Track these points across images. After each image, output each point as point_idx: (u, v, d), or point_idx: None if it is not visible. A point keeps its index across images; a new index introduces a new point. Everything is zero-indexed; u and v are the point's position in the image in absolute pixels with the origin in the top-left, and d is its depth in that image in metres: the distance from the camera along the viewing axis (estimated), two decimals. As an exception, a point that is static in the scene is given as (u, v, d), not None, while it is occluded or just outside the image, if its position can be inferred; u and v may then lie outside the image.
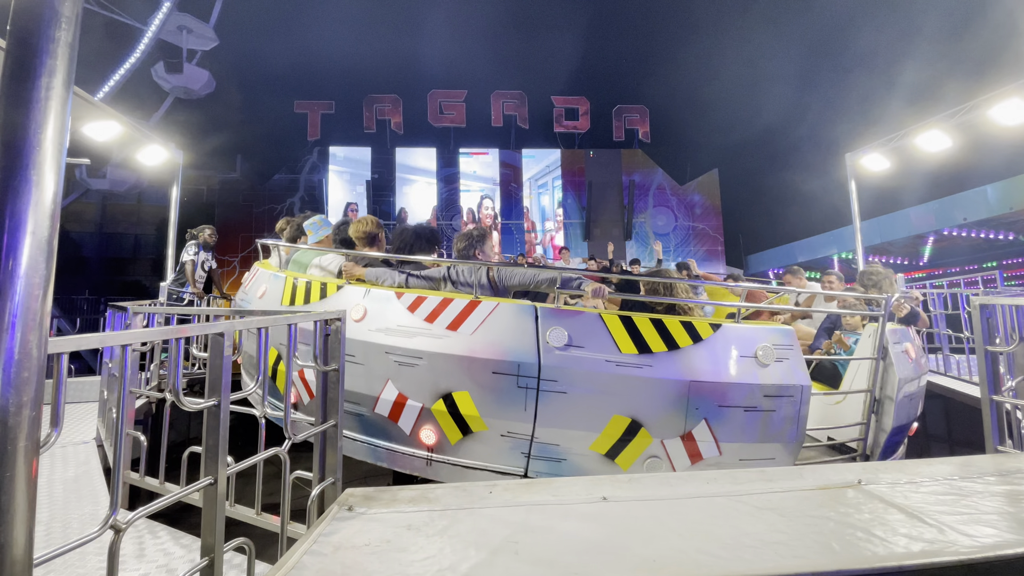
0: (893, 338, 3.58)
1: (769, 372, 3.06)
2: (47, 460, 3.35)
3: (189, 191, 16.24)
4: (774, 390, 3.03)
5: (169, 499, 1.52)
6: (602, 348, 2.97)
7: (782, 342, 3.14)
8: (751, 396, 3.00)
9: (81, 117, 5.20)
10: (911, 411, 3.76)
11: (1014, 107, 5.53)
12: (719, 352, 3.05)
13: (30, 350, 0.91)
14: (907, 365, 3.61)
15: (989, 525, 1.41)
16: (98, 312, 15.00)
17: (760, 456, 3.04)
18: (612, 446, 2.96)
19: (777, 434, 3.05)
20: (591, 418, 2.93)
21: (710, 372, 2.98)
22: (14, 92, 0.94)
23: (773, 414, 3.03)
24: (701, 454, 2.99)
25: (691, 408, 2.93)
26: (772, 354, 3.08)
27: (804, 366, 3.15)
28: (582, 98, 19.16)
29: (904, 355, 3.63)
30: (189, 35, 16.11)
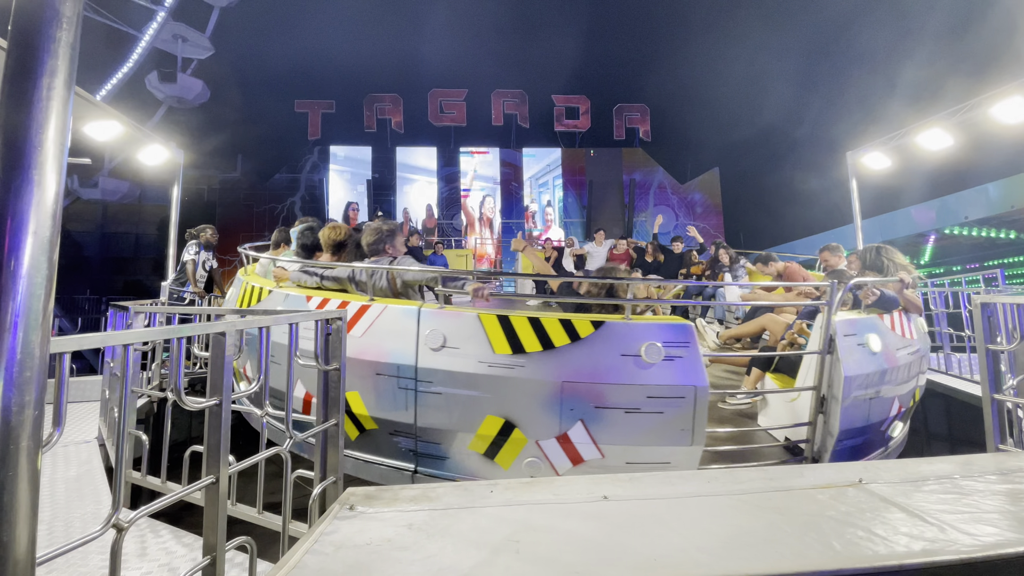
0: (846, 329, 3.27)
1: (655, 372, 2.90)
2: (49, 459, 3.35)
3: (190, 191, 16.25)
4: (660, 391, 2.87)
5: (171, 498, 1.53)
6: (476, 349, 2.95)
7: (674, 339, 2.94)
8: (631, 397, 2.87)
9: (82, 117, 5.20)
10: (875, 412, 3.40)
11: (1015, 105, 5.52)
12: (597, 351, 2.92)
13: (32, 350, 0.92)
14: (866, 360, 3.29)
15: (990, 524, 1.41)
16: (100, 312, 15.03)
17: (651, 460, 2.91)
18: (488, 446, 2.96)
19: (668, 437, 2.90)
20: (466, 418, 2.94)
21: (585, 372, 2.88)
22: (15, 92, 0.94)
23: (660, 416, 2.87)
24: (581, 456, 2.91)
25: (565, 409, 2.86)
26: (658, 352, 2.89)
27: (701, 365, 2.94)
28: (583, 97, 19.14)
29: (862, 349, 3.32)
30: (184, 44, 16.11)
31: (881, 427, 3.53)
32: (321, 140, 18.45)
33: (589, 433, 2.89)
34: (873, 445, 3.55)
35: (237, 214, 17.42)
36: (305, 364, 2.34)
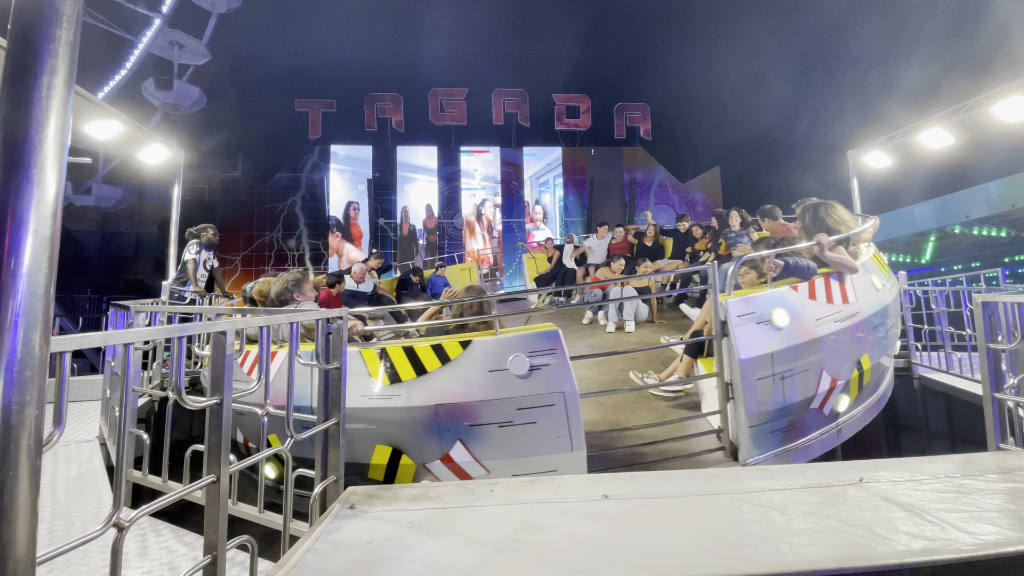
0: (738, 310, 3.16)
1: (524, 383, 2.92)
2: (50, 458, 3.36)
3: (190, 190, 16.26)
4: (529, 401, 2.89)
5: (172, 497, 1.53)
6: (359, 383, 3.03)
7: (540, 347, 2.98)
8: (502, 411, 2.90)
9: (82, 116, 5.21)
10: (794, 390, 3.20)
11: (1016, 104, 5.51)
12: (465, 371, 2.98)
13: (33, 349, 0.92)
14: (767, 338, 3.14)
15: (990, 523, 1.41)
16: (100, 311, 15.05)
17: (537, 469, 2.92)
18: (385, 474, 3.02)
19: (547, 445, 2.91)
20: (361, 449, 3.02)
21: (455, 393, 2.93)
22: (15, 91, 0.94)
23: (534, 426, 2.88)
24: (468, 474, 2.94)
25: (443, 431, 2.91)
26: (525, 364, 2.92)
27: (568, 370, 2.96)
28: (583, 96, 19.14)
29: (763, 327, 3.16)
30: (181, 50, 16.13)
31: (811, 405, 3.29)
32: (322, 139, 18.46)
33: (469, 451, 2.94)
34: (808, 426, 3.32)
35: (238, 213, 17.43)
36: (305, 364, 2.34)
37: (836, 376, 3.39)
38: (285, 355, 3.43)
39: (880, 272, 4.08)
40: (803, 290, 3.45)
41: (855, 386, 3.54)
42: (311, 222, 17.99)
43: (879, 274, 4.03)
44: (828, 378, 3.35)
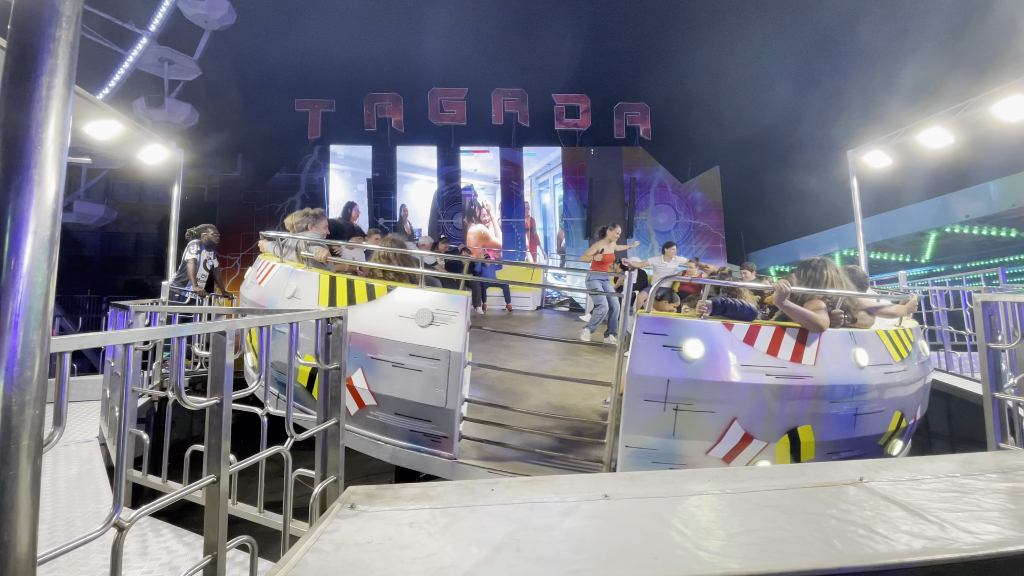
0: (645, 327, 3.06)
1: (421, 333, 3.26)
2: (50, 458, 3.36)
3: (190, 190, 16.23)
4: (420, 350, 3.22)
5: (172, 497, 1.53)
6: (310, 302, 3.76)
7: (448, 308, 3.33)
8: (396, 351, 3.26)
9: (82, 116, 5.20)
10: (690, 428, 2.99)
11: (1016, 103, 5.51)
12: (383, 310, 3.43)
13: (33, 349, 0.92)
14: (670, 364, 2.98)
15: (991, 522, 1.41)
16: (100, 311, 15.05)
17: (415, 415, 3.26)
18: (307, 385, 3.55)
19: (427, 394, 3.20)
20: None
21: (367, 326, 3.36)
22: (15, 91, 0.94)
23: (419, 374, 3.20)
24: (363, 401, 3.36)
25: (351, 356, 3.27)
26: (429, 316, 3.27)
27: (462, 334, 3.24)
28: (583, 95, 19.12)
29: (669, 351, 3.01)
30: (171, 67, 16.16)
31: (709, 452, 3.07)
32: (321, 139, 18.44)
33: (366, 380, 3.34)
34: (673, 459, 3.09)
35: (237, 213, 17.41)
36: (303, 364, 2.34)
37: (752, 432, 3.07)
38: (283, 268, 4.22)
39: (885, 351, 3.52)
40: (740, 331, 3.19)
41: (783, 454, 3.14)
42: (311, 222, 17.95)
43: (881, 352, 3.49)
44: (740, 430, 3.07)
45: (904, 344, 3.72)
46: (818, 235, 17.57)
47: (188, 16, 15.89)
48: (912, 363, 3.67)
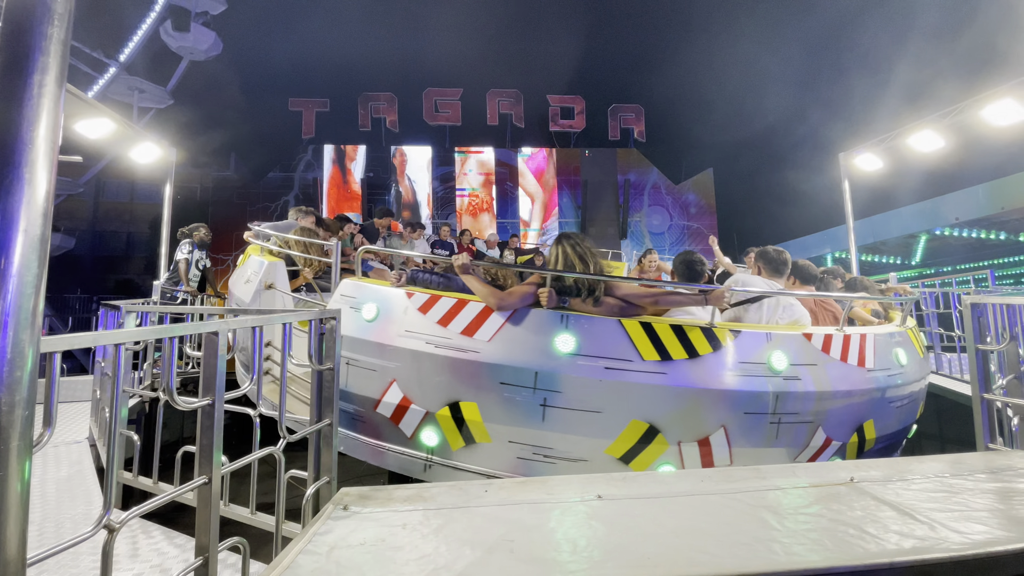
0: (347, 290, 3.37)
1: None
2: (40, 459, 3.32)
3: (183, 189, 16.15)
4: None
5: (163, 499, 1.52)
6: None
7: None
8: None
9: (73, 115, 5.16)
10: (361, 384, 3.13)
11: (1006, 107, 5.58)
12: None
13: (22, 349, 0.91)
14: (351, 323, 3.18)
15: (980, 522, 1.42)
16: (91, 311, 14.92)
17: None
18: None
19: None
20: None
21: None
22: (6, 89, 0.93)
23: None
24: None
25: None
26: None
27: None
28: (578, 97, 19.17)
29: (356, 314, 3.19)
30: (141, 95, 16.11)
31: (376, 408, 3.12)
32: (315, 139, 18.38)
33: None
34: (378, 430, 3.16)
35: (230, 213, 17.32)
36: (299, 364, 2.33)
37: (410, 397, 3.04)
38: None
39: (629, 345, 2.99)
40: (418, 299, 3.17)
41: (449, 427, 3.00)
42: (304, 222, 17.90)
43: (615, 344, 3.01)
44: (399, 392, 3.05)
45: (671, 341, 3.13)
46: (810, 237, 17.72)
47: (173, 48, 15.87)
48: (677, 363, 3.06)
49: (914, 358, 3.58)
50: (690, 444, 2.91)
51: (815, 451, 3.07)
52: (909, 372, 3.42)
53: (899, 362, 3.39)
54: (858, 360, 3.19)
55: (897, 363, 3.37)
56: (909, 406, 3.53)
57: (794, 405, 2.96)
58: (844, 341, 3.20)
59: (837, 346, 3.17)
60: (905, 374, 3.38)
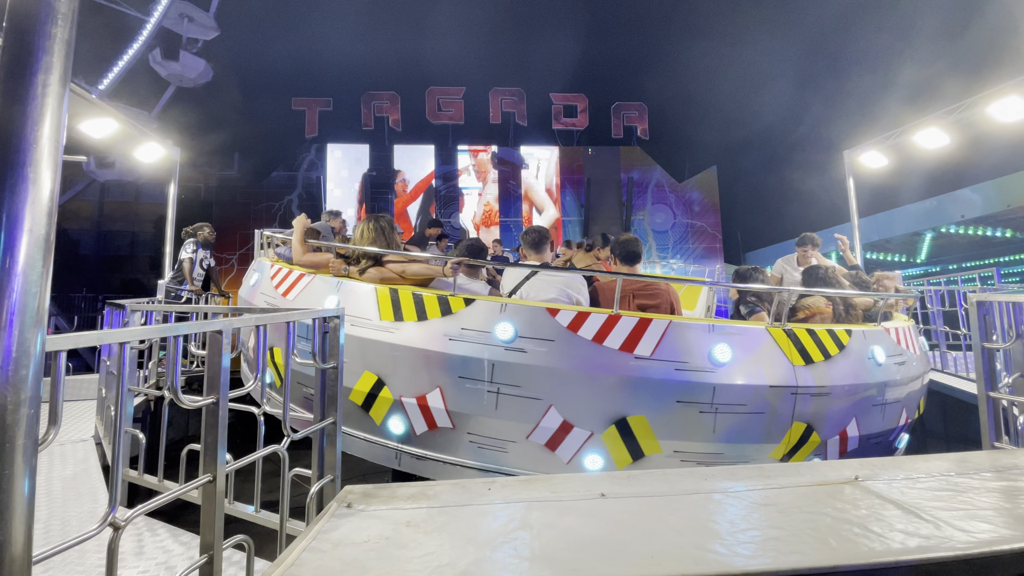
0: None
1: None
2: (45, 458, 3.35)
3: (187, 188, 16.16)
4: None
5: (168, 497, 1.53)
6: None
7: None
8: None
9: (78, 114, 5.18)
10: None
11: (1012, 104, 5.54)
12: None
13: (28, 348, 0.91)
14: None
15: (985, 521, 1.42)
16: (96, 310, 14.97)
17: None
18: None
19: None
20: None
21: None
22: (10, 89, 0.94)
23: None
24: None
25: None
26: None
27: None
28: (581, 95, 19.12)
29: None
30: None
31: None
32: (318, 138, 18.39)
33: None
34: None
35: (234, 212, 17.35)
36: (302, 363, 2.34)
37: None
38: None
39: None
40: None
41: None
42: (308, 220, 17.93)
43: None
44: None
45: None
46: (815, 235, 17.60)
47: (163, 76, 15.85)
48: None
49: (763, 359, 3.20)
50: (410, 399, 3.16)
51: (551, 432, 3.02)
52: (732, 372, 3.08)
53: (716, 358, 3.06)
54: (624, 345, 3.02)
55: (713, 359, 3.06)
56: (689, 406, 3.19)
57: (515, 377, 2.99)
58: (606, 323, 3.06)
59: (593, 328, 3.06)
60: (729, 373, 3.07)
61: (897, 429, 3.67)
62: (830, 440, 3.26)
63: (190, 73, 15.97)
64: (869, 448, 3.47)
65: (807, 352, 3.22)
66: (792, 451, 3.18)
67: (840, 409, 3.26)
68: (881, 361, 3.44)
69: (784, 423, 3.10)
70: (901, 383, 3.58)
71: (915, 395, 3.86)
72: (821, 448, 3.23)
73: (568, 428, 3.01)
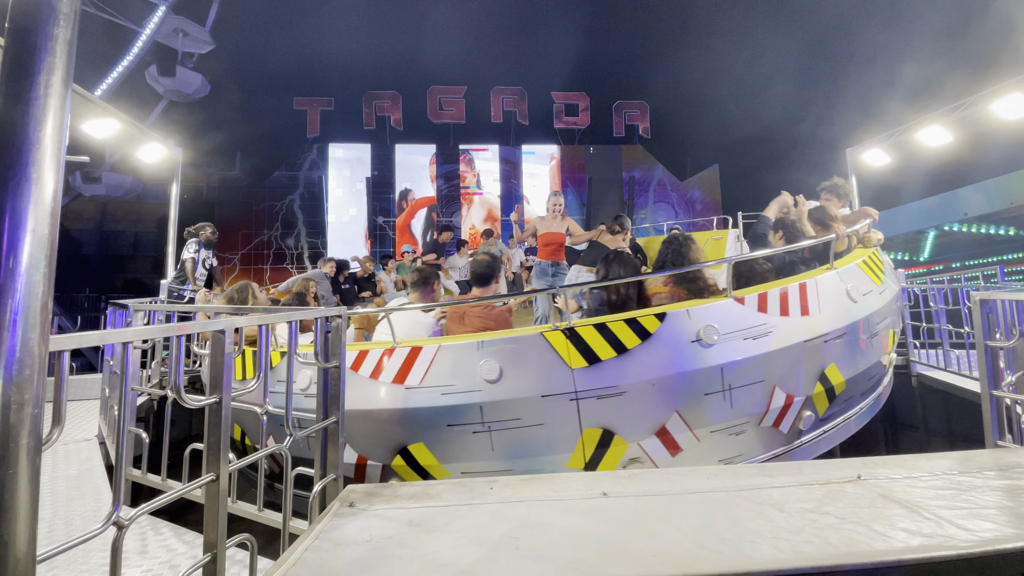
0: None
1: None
2: (49, 457, 3.36)
3: (189, 189, 16.20)
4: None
5: (171, 496, 1.53)
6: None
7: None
8: None
9: (80, 115, 5.19)
10: None
11: (1015, 101, 5.52)
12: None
13: (31, 347, 0.92)
14: None
15: (988, 520, 1.41)
16: (99, 310, 15.02)
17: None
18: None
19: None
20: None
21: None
22: (13, 90, 0.94)
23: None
24: None
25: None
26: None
27: None
28: (582, 94, 19.11)
29: None
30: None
31: None
32: (320, 138, 18.42)
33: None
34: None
35: (236, 212, 17.40)
36: (304, 362, 2.34)
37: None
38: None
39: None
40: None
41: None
42: (310, 220, 17.98)
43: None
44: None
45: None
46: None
47: (160, 92, 15.84)
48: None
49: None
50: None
51: (352, 467, 3.14)
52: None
53: (484, 376, 2.98)
54: (396, 377, 3.08)
55: (481, 377, 2.98)
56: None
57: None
58: (381, 358, 3.16)
59: (370, 365, 3.14)
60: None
61: (766, 414, 3.10)
62: (645, 441, 2.94)
63: (187, 88, 16.03)
64: (717, 445, 3.05)
65: (592, 351, 2.96)
66: (594, 459, 2.93)
67: (648, 406, 2.94)
68: (712, 341, 2.99)
69: (571, 431, 2.90)
70: (755, 359, 3.03)
71: (798, 366, 3.17)
72: (636, 450, 2.94)
73: (363, 463, 3.07)
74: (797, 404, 3.21)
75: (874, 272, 3.95)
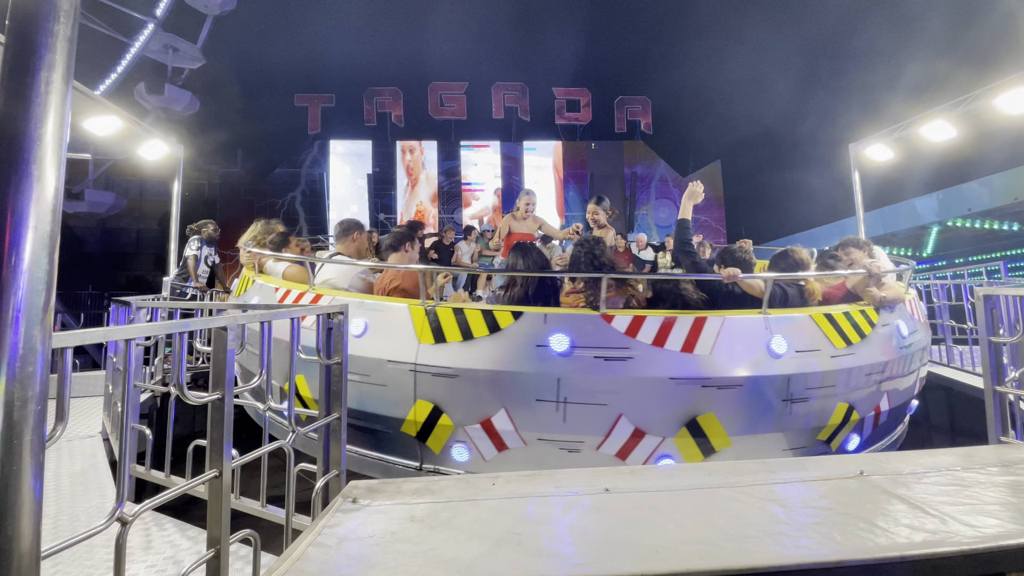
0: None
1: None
2: (53, 454, 3.37)
3: (190, 186, 16.22)
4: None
5: (175, 492, 1.54)
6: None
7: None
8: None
9: (81, 112, 5.19)
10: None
11: (1019, 96, 5.48)
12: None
13: (34, 345, 0.92)
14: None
15: (991, 516, 1.41)
16: (101, 307, 15.06)
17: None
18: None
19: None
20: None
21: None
22: (13, 87, 0.94)
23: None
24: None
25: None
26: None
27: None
28: (584, 89, 19.03)
29: None
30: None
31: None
32: (321, 134, 18.40)
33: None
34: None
35: (238, 209, 17.41)
36: (307, 359, 2.34)
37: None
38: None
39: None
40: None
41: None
42: (311, 217, 17.99)
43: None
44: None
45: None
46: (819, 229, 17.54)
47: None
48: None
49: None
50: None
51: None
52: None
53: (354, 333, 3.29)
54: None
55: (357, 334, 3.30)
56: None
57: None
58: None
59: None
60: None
61: (605, 440, 3.00)
62: (470, 428, 3.07)
63: (176, 106, 15.96)
64: (546, 455, 3.06)
65: (441, 332, 3.14)
66: (425, 428, 3.11)
67: (476, 395, 3.05)
68: (558, 350, 2.99)
69: (406, 398, 3.13)
70: (598, 380, 2.97)
71: (657, 401, 3.01)
72: (460, 432, 3.09)
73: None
74: (652, 442, 3.02)
75: (844, 330, 3.41)
